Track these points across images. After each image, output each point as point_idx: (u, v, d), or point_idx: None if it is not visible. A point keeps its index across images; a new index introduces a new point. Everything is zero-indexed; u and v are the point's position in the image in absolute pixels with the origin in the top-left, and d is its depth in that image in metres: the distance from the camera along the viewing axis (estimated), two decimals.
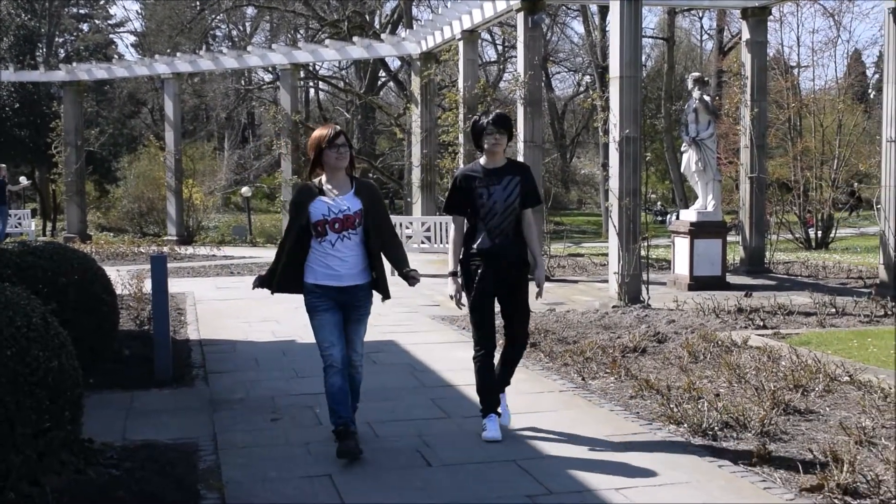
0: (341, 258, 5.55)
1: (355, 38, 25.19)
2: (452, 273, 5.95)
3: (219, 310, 12.15)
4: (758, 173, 15.97)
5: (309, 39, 37.86)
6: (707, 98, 14.24)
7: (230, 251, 22.66)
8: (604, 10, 36.98)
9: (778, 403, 6.46)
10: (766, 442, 5.64)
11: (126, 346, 8.82)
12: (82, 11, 51.39)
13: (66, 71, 27.88)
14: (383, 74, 43.45)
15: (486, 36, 42.54)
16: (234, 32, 53.11)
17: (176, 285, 13.60)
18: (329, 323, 5.56)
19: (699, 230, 13.89)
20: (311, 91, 53.23)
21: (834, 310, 10.95)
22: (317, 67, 41.84)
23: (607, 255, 14.17)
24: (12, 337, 4.48)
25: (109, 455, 5.39)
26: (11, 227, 27.28)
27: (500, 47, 47.17)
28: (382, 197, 5.89)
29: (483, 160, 6.05)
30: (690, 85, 14.60)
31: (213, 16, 45.86)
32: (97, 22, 52.68)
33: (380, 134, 48.08)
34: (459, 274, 5.97)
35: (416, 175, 22.40)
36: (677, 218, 15.77)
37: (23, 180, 27.02)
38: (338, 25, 36.56)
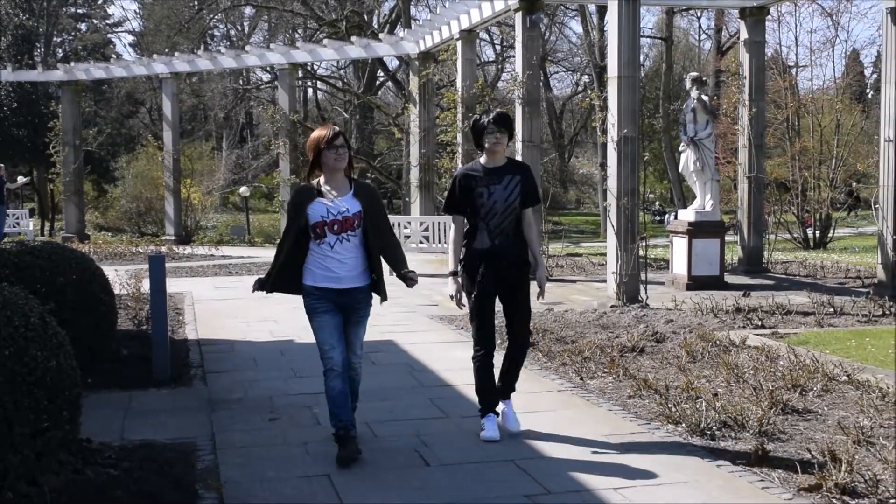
0: (340, 260, 5.52)
1: (353, 38, 25.18)
2: (453, 273, 5.95)
3: (217, 309, 12.15)
4: (756, 173, 15.97)
5: (307, 39, 37.87)
6: (705, 98, 14.24)
7: (228, 251, 22.65)
8: (602, 10, 36.98)
9: (776, 403, 6.46)
10: (764, 442, 5.64)
11: (124, 345, 8.82)
12: (80, 11, 51.39)
13: (64, 71, 27.87)
14: (381, 74, 43.44)
15: (484, 36, 42.58)
16: (233, 32, 53.11)
17: (174, 285, 13.60)
18: (329, 325, 5.53)
19: (697, 230, 13.90)
20: (310, 91, 53.25)
21: (832, 309, 10.95)
22: (315, 67, 41.85)
23: (605, 254, 14.17)
24: (10, 337, 4.48)
25: (107, 455, 5.39)
26: (9, 226, 27.26)
27: (498, 47, 47.21)
28: (381, 198, 5.87)
29: (483, 159, 6.03)
30: (688, 85, 14.61)
31: (212, 15, 45.86)
32: (95, 21, 52.68)
33: (378, 134, 48.09)
34: (460, 274, 5.97)
35: (414, 175, 22.40)
36: (675, 218, 15.78)
37: (21, 179, 26.99)
38: (336, 25, 36.57)
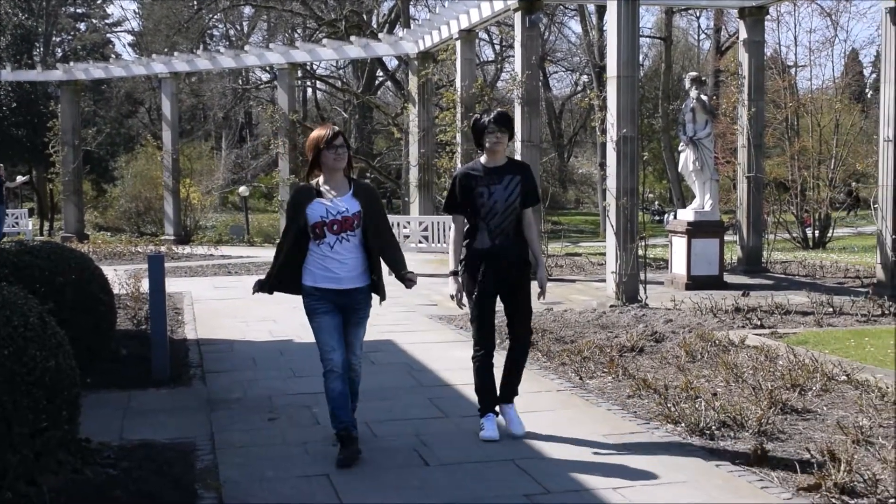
0: (340, 260, 5.50)
1: (353, 38, 25.18)
2: (453, 272, 5.94)
3: (216, 309, 12.15)
4: (755, 173, 15.97)
5: (306, 39, 37.87)
6: (704, 97, 14.25)
7: (227, 251, 22.65)
8: (601, 10, 36.97)
9: (775, 403, 6.46)
10: (763, 441, 5.64)
11: (123, 345, 8.81)
12: (79, 11, 51.38)
13: (64, 70, 27.86)
14: (381, 74, 43.43)
15: (483, 35, 42.58)
16: (232, 32, 53.13)
17: (173, 285, 13.60)
18: (329, 326, 5.52)
19: (696, 230, 13.90)
20: (309, 90, 53.24)
21: (831, 309, 10.95)
22: (314, 67, 41.87)
23: (605, 254, 14.17)
24: (9, 336, 4.48)
25: (106, 455, 5.39)
26: (9, 226, 27.27)
27: (497, 47, 47.20)
28: (380, 198, 5.86)
29: (483, 159, 6.01)
30: (688, 84, 14.61)
31: (211, 15, 45.86)
32: (94, 21, 52.68)
33: (377, 133, 48.08)
34: (460, 273, 5.96)
35: (413, 175, 22.40)
36: (675, 217, 15.79)
37: (20, 178, 26.98)
38: (335, 25, 36.57)
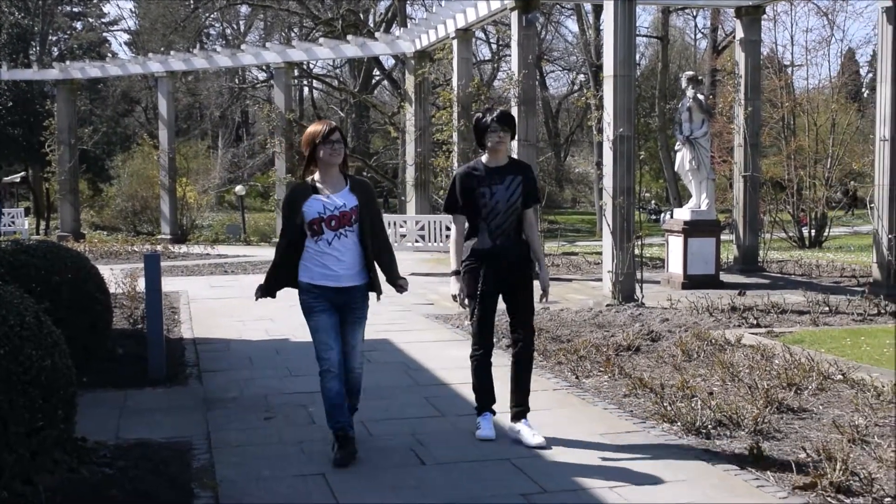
0: (338, 257, 5.45)
1: (349, 37, 25.17)
2: (455, 272, 5.92)
3: (213, 308, 12.14)
4: (751, 172, 15.98)
5: (303, 38, 37.81)
6: (701, 97, 14.26)
7: (224, 250, 22.65)
8: (598, 9, 37.00)
9: (771, 402, 6.47)
10: (759, 440, 5.65)
11: (120, 344, 8.81)
12: (76, 10, 51.35)
13: (60, 69, 27.83)
14: (377, 73, 43.41)
15: (480, 35, 42.60)
16: (228, 31, 53.13)
17: (170, 284, 13.59)
18: (326, 326, 5.48)
19: (693, 229, 13.91)
20: (305, 90, 53.21)
21: (827, 308, 10.97)
22: (311, 66, 41.83)
23: (601, 253, 14.19)
24: (5, 336, 4.47)
25: (103, 454, 5.38)
26: (5, 225, 27.25)
27: (494, 46, 47.24)
28: (376, 197, 5.84)
29: (485, 158, 5.96)
30: (684, 84, 14.62)
31: (207, 14, 45.86)
32: (91, 20, 52.65)
33: (374, 132, 48.08)
34: (462, 273, 5.94)
35: (410, 174, 22.40)
36: (671, 216, 15.80)
37: (16, 179, 26.96)
38: (332, 24, 36.55)
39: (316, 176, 5.56)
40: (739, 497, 4.84)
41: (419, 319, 11.06)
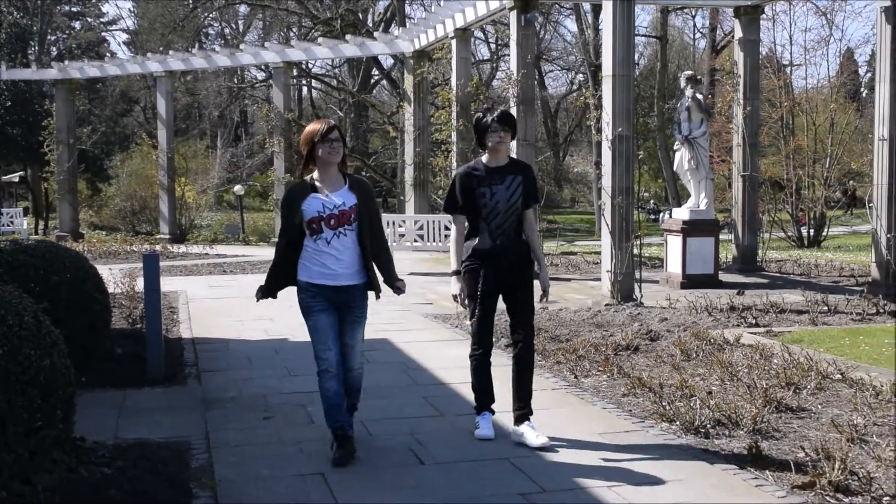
0: (337, 256, 5.44)
1: (348, 37, 25.16)
2: (455, 272, 5.91)
3: (211, 308, 12.13)
4: (750, 172, 15.99)
5: (302, 37, 37.81)
6: (700, 96, 14.27)
7: (223, 250, 22.64)
8: (597, 9, 37.00)
9: (770, 401, 6.47)
10: (758, 439, 5.65)
11: (118, 344, 8.80)
12: (74, 9, 51.32)
13: (59, 69, 27.82)
14: (376, 73, 43.43)
15: (479, 34, 42.58)
16: (227, 30, 53.11)
17: (168, 284, 13.60)
18: (324, 326, 5.47)
19: (692, 228, 13.92)
20: (304, 89, 53.20)
21: (826, 308, 10.97)
22: (310, 66, 41.81)
23: (600, 253, 14.20)
24: (4, 336, 4.47)
25: (101, 454, 5.38)
26: (3, 225, 27.25)
27: (493, 45, 47.22)
28: (375, 196, 5.83)
29: (485, 158, 5.94)
30: (683, 83, 14.62)
31: (206, 14, 45.80)
32: (89, 20, 52.64)
33: (373, 132, 48.06)
34: (462, 273, 5.93)
35: (409, 173, 22.39)
36: (670, 216, 15.80)
37: (14, 178, 26.96)
38: (331, 23, 36.55)
39: (315, 175, 5.53)
40: (738, 496, 4.84)
41: (418, 319, 11.06)
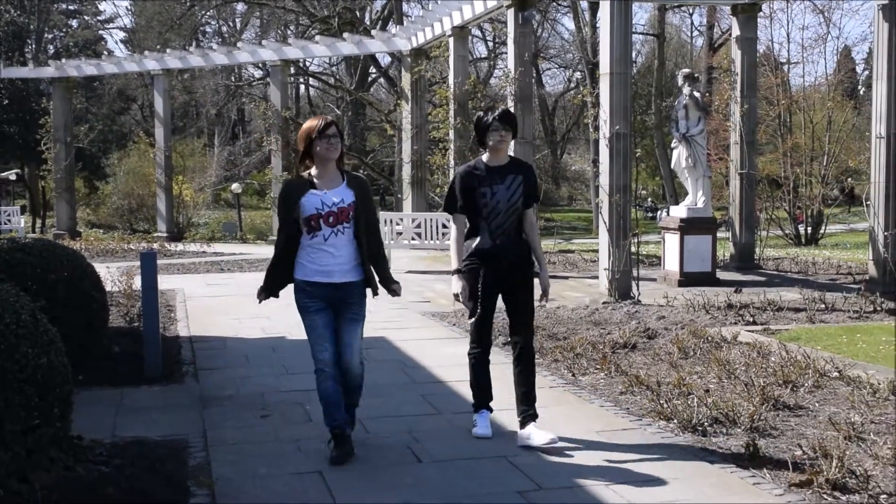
0: (333, 254, 5.41)
1: (345, 35, 25.16)
2: (456, 271, 5.89)
3: (209, 306, 12.13)
4: (748, 169, 15.99)
5: (299, 36, 37.79)
6: (697, 94, 14.27)
7: (220, 248, 22.61)
8: (594, 7, 36.98)
9: (767, 399, 6.48)
10: (755, 438, 5.65)
11: (116, 342, 8.80)
12: (72, 7, 51.23)
13: (56, 67, 27.78)
14: (373, 71, 43.42)
15: (476, 32, 42.56)
16: (224, 29, 53.05)
17: (166, 282, 13.58)
18: (320, 325, 5.45)
19: (689, 226, 13.93)
20: (302, 87, 53.20)
21: (823, 306, 10.98)
22: (307, 64, 41.83)
23: (598, 251, 14.20)
24: (1, 334, 4.46)
25: (99, 452, 5.38)
26: (0, 223, 27.20)
27: (490, 43, 47.17)
28: (372, 195, 5.80)
29: (486, 157, 5.91)
30: (681, 81, 14.63)
31: (203, 12, 45.71)
32: (87, 18, 52.56)
33: (370, 130, 48.03)
34: (462, 273, 5.91)
35: (406, 171, 22.38)
36: (667, 214, 15.80)
37: (11, 176, 26.93)
38: (328, 22, 36.52)
39: (312, 171, 5.49)
40: (735, 494, 4.85)
41: (416, 317, 11.05)
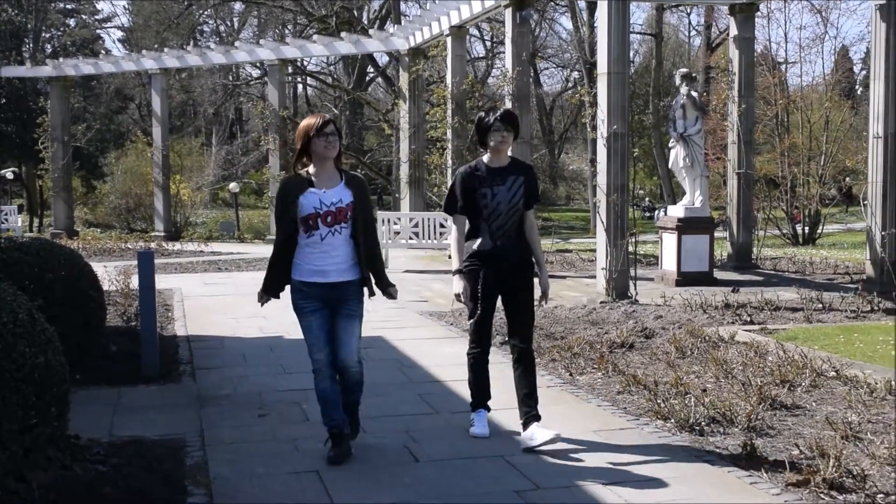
0: (330, 253, 5.37)
1: (343, 34, 25.18)
2: (457, 271, 5.87)
3: (206, 306, 12.12)
4: (745, 169, 16.01)
5: (297, 35, 37.82)
6: (695, 94, 14.28)
7: (218, 247, 22.62)
8: (592, 6, 37.01)
9: (764, 398, 6.48)
10: (752, 437, 5.66)
11: (113, 342, 8.79)
12: (69, 6, 51.23)
13: (53, 66, 27.77)
14: (371, 70, 43.40)
15: (474, 32, 42.57)
16: (222, 28, 53.02)
17: (163, 281, 13.57)
18: (316, 326, 5.43)
19: (687, 226, 13.93)
20: (299, 87, 53.21)
21: (821, 305, 10.99)
22: (305, 63, 41.82)
23: (595, 250, 14.20)
24: None
25: (96, 451, 5.37)
26: None
27: (488, 43, 47.24)
28: (370, 194, 5.77)
29: (487, 158, 5.88)
30: (678, 81, 14.64)
31: (201, 11, 45.75)
32: (84, 17, 52.52)
33: (368, 130, 48.05)
34: (463, 273, 5.89)
35: (404, 171, 22.38)
36: (665, 214, 15.81)
37: (8, 174, 26.90)
38: (326, 21, 36.53)
39: (310, 169, 5.44)
40: (733, 494, 4.85)
41: (413, 317, 11.05)
